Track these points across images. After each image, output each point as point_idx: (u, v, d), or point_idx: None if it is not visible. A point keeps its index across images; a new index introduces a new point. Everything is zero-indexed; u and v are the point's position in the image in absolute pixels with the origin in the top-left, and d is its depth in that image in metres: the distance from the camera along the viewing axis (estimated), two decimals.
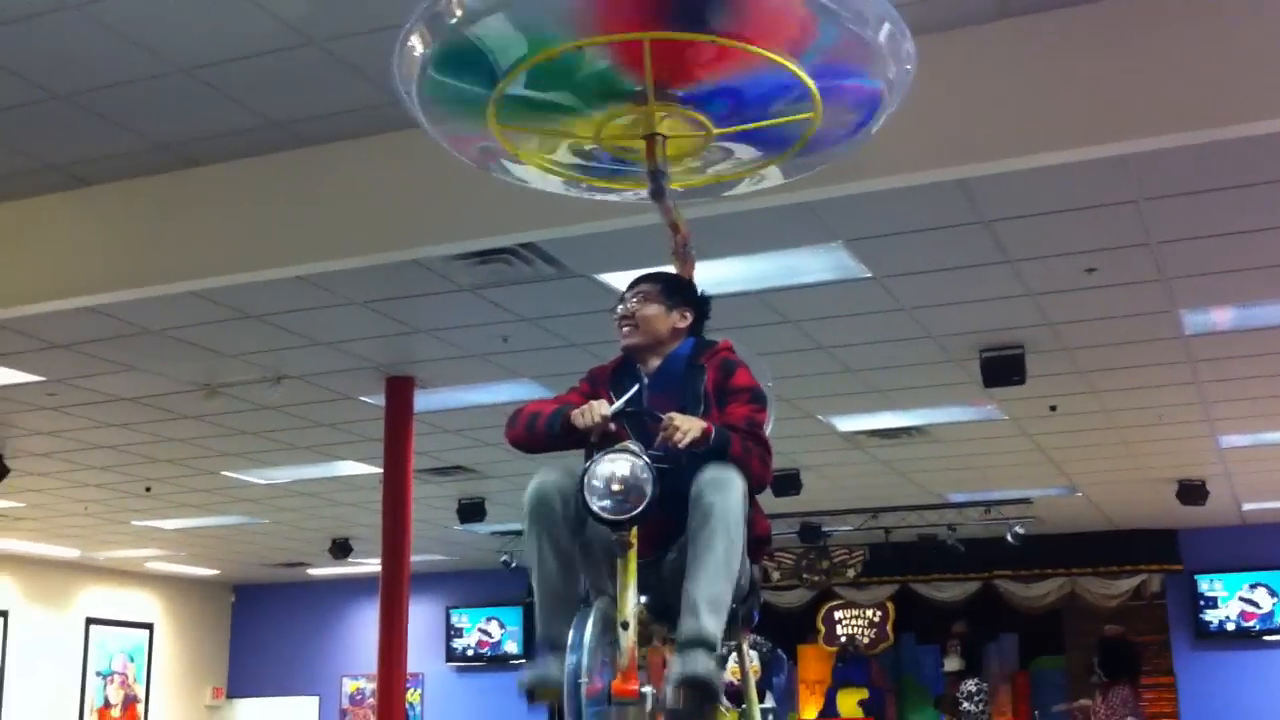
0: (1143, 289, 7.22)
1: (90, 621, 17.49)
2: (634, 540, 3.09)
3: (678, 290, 3.58)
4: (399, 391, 8.95)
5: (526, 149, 3.57)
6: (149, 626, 18.32)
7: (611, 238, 5.84)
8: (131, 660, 18.02)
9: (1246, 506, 13.58)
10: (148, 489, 12.21)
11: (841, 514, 14.08)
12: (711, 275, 6.65)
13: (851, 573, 15.90)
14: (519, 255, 6.59)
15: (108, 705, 17.59)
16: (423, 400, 9.08)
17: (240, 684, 19.21)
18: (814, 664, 17.26)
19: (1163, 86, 4.82)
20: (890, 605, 16.28)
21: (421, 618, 15.64)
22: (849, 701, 17.06)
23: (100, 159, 6.15)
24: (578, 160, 3.65)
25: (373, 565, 10.58)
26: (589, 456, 3.22)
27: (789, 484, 11.45)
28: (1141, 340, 8.12)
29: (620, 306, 3.53)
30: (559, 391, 3.70)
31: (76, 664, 17.25)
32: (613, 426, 3.27)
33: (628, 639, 3.00)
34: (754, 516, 3.34)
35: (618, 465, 3.07)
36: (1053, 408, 9.57)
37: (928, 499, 13.44)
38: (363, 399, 9.31)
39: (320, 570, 17.64)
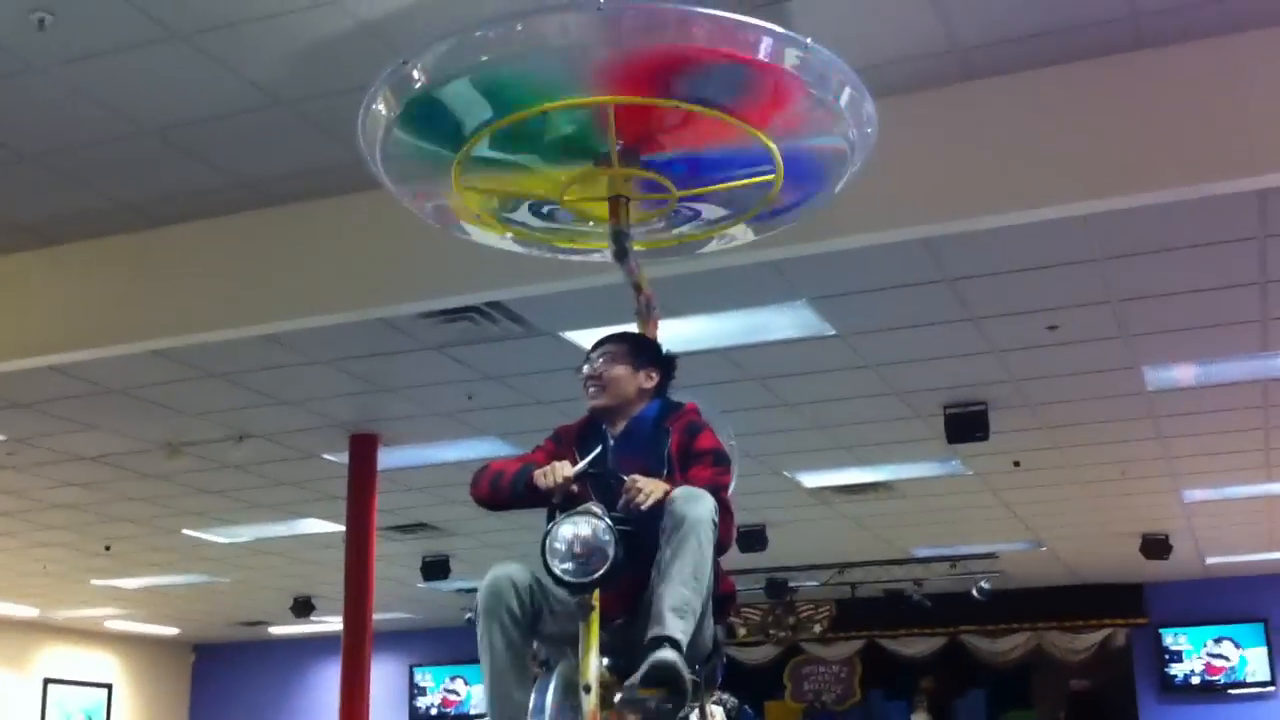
0: (1105, 346, 7.28)
1: (48, 681, 17.22)
2: (595, 603, 3.06)
3: (644, 351, 3.56)
4: (363, 449, 8.90)
5: (487, 210, 3.58)
6: (108, 686, 18.04)
7: (577, 296, 5.84)
8: None
9: (1210, 560, 13.64)
10: (107, 548, 12.07)
11: (808, 569, 14.05)
12: (677, 333, 6.70)
13: (818, 628, 15.87)
14: (484, 314, 6.59)
15: None
16: (387, 457, 9.03)
17: None
18: None
19: (1123, 147, 4.88)
20: (857, 660, 16.24)
21: (384, 676, 15.47)
22: None
23: (67, 219, 6.12)
24: (538, 221, 3.65)
25: (335, 623, 10.46)
26: (551, 518, 3.19)
27: (755, 539, 11.43)
28: (1104, 396, 8.18)
29: (586, 367, 3.50)
30: (524, 450, 3.68)
31: None
32: (575, 488, 3.23)
33: (590, 702, 2.96)
34: (718, 575, 3.32)
35: (580, 527, 3.03)
36: (1016, 463, 9.61)
37: (894, 554, 13.45)
38: (326, 457, 9.25)
39: (282, 629, 17.45)
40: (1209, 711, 14.75)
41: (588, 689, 2.96)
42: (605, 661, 3.05)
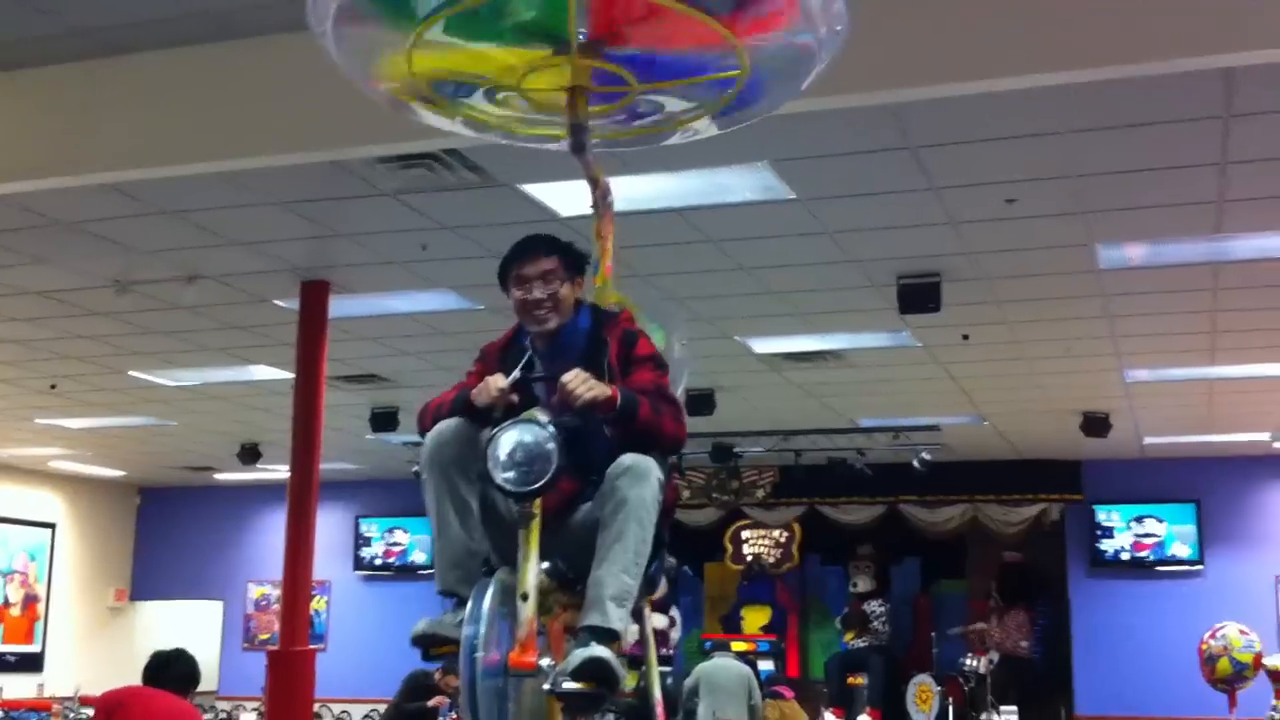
0: (1060, 221, 7.30)
1: None
2: (537, 511, 3.04)
3: (574, 260, 3.47)
4: (314, 295, 8.83)
5: (441, 94, 3.49)
6: (51, 526, 18.08)
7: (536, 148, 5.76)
8: (33, 559, 17.79)
9: (1147, 440, 13.91)
10: (53, 386, 11.99)
11: (753, 435, 14.19)
12: (636, 190, 6.69)
13: (761, 494, 16.11)
14: (442, 161, 6.51)
15: (7, 604, 17.39)
16: (338, 306, 8.97)
17: (144, 587, 19.07)
18: (720, 582, 17.53)
19: (1094, 18, 4.84)
20: (797, 527, 16.52)
21: (329, 525, 15.57)
22: (753, 620, 17.37)
23: (16, 44, 5.94)
24: (493, 107, 3.56)
25: (281, 471, 10.50)
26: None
27: (703, 403, 11.52)
28: (1056, 273, 8.23)
29: (531, 290, 3.37)
30: (476, 305, 3.65)
31: None
32: (515, 398, 3.19)
33: (527, 610, 2.96)
34: (665, 483, 3.28)
35: (521, 434, 3.01)
36: (965, 336, 9.70)
37: (839, 423, 13.60)
38: (277, 302, 9.19)
39: (228, 475, 17.50)
40: (1136, 587, 15.15)
41: (525, 597, 2.97)
42: (544, 565, 3.06)
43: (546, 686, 2.96)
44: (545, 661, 2.96)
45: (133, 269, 8.48)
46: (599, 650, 2.96)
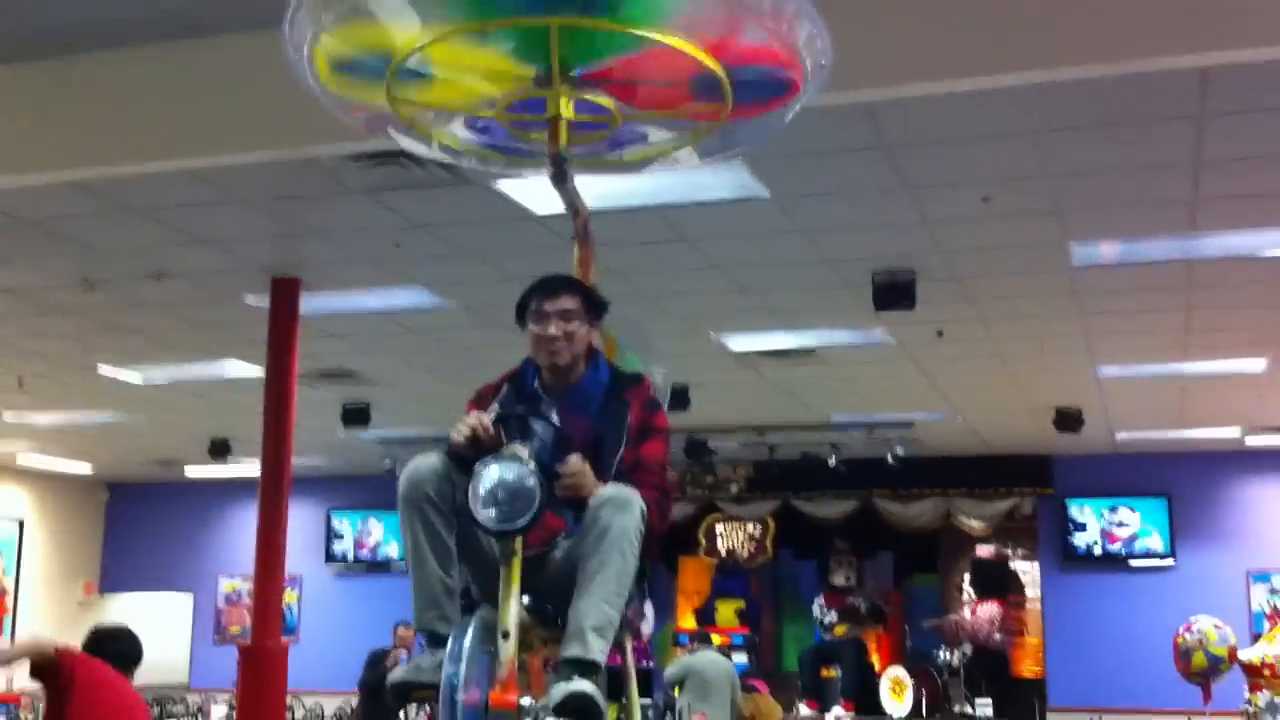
0: (1035, 221, 7.30)
1: None
2: (519, 548, 2.99)
3: (594, 305, 3.40)
4: (284, 293, 8.75)
5: (421, 122, 3.45)
6: (19, 522, 17.92)
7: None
8: (0, 555, 17.64)
9: (1119, 435, 13.94)
10: (20, 383, 11.86)
11: (728, 431, 14.17)
12: (611, 188, 6.63)
13: (735, 488, 16.10)
14: (414, 159, 6.44)
15: None
16: (309, 303, 8.89)
17: (113, 580, 18.91)
18: (694, 575, 17.52)
19: (1069, 18, 4.82)
20: (771, 521, 16.53)
21: (301, 520, 15.46)
22: (726, 612, 17.36)
23: None
24: (473, 135, 3.53)
25: (252, 467, 10.41)
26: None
27: (678, 399, 11.47)
28: (1031, 271, 8.23)
29: (547, 328, 3.30)
30: (446, 299, 3.61)
31: None
32: (503, 438, 3.11)
33: (508, 649, 2.89)
34: (655, 515, 3.24)
35: (503, 471, 2.95)
36: (940, 333, 9.69)
37: (813, 419, 13.58)
38: (247, 299, 9.09)
39: (198, 470, 17.36)
40: (1107, 581, 15.21)
41: (506, 635, 2.90)
42: (525, 600, 3.00)
43: None
44: (526, 701, 2.91)
45: (100, 267, 8.38)
46: (581, 684, 2.92)
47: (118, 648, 6.08)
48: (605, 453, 3.24)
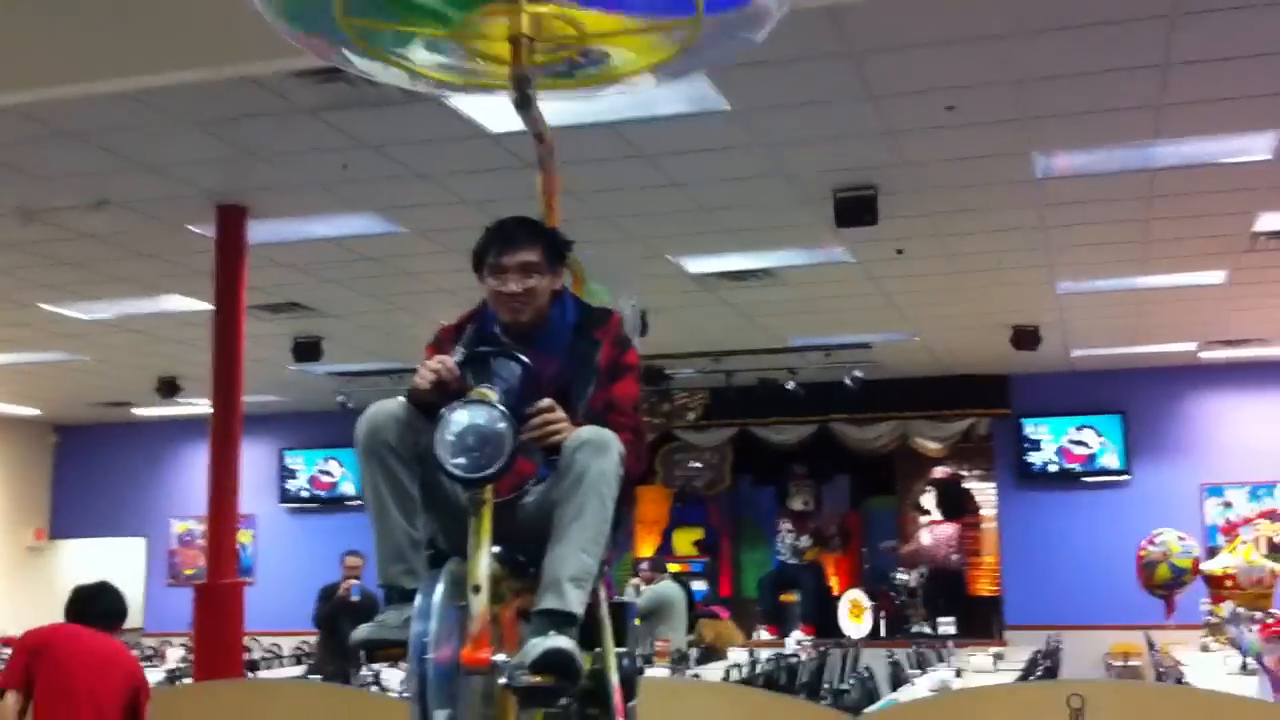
0: (999, 129, 7.18)
1: None
2: (489, 497, 2.83)
3: (557, 252, 3.25)
4: (231, 221, 8.52)
5: (376, 46, 3.26)
6: None
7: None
8: None
9: (1075, 353, 13.95)
10: None
11: (685, 357, 14.05)
12: (563, 106, 6.42)
13: (692, 416, 16.02)
14: (362, 75, 6.21)
15: None
16: (256, 231, 8.65)
17: (64, 526, 18.66)
18: (652, 505, 17.49)
19: None
20: (729, 448, 16.49)
21: (254, 459, 15.27)
22: (685, 540, 17.39)
23: None
24: (431, 57, 3.34)
25: (202, 405, 10.18)
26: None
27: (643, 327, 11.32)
28: (992, 183, 8.13)
29: (506, 284, 3.14)
30: (398, 225, 3.45)
31: None
32: (467, 380, 2.95)
33: (479, 603, 2.72)
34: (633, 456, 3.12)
35: (472, 415, 2.79)
36: (900, 251, 9.59)
37: (770, 343, 13.49)
38: (192, 229, 8.84)
39: (146, 410, 17.09)
40: (1063, 499, 15.28)
41: (477, 589, 2.74)
42: (495, 549, 2.83)
43: (503, 681, 2.74)
44: (500, 657, 2.74)
45: (37, 196, 8.10)
46: (558, 640, 2.76)
47: (100, 606, 6.23)
48: (575, 394, 3.11)
